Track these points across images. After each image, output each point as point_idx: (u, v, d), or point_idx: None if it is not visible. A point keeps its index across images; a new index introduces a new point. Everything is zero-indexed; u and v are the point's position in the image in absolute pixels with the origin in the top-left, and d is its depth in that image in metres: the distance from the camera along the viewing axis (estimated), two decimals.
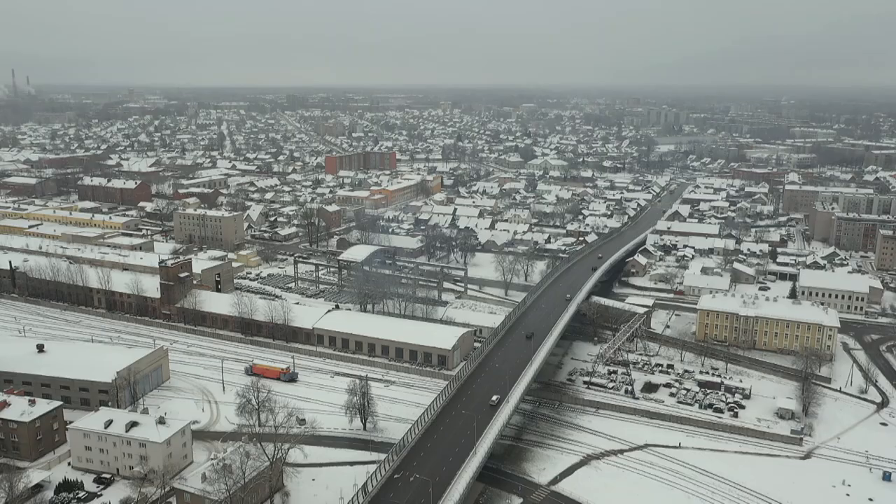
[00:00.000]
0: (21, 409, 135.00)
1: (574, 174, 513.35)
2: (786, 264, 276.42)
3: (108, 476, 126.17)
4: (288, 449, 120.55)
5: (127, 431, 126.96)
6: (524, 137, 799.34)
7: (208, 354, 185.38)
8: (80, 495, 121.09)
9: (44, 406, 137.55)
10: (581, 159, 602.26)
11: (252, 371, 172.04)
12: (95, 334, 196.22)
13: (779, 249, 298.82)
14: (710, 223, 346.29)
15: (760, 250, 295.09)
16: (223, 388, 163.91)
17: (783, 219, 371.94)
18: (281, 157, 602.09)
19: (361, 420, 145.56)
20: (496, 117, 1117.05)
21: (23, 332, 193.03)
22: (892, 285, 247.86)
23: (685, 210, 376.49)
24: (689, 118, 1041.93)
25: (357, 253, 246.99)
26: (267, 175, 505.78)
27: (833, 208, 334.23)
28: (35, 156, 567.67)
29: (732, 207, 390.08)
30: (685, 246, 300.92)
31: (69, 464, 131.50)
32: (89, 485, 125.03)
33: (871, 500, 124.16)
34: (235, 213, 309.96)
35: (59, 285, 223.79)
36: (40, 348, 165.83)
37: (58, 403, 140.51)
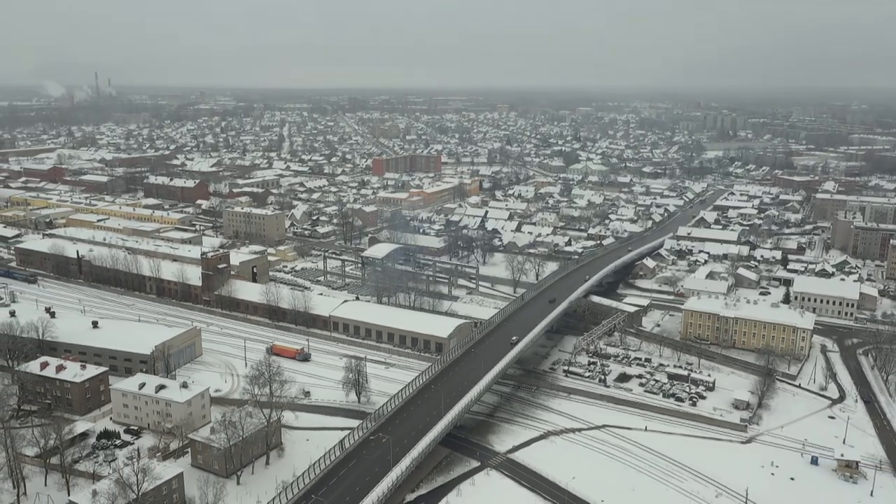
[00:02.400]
0: (74, 372, 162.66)
1: (612, 179, 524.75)
2: (794, 271, 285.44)
3: (135, 428, 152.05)
4: (281, 412, 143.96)
5: (156, 393, 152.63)
6: (573, 142, 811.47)
7: (238, 335, 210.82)
8: (116, 443, 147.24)
9: (93, 370, 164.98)
10: (624, 164, 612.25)
11: (272, 350, 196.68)
12: (144, 315, 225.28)
13: (791, 256, 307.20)
14: (733, 230, 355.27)
15: (773, 257, 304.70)
16: (245, 363, 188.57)
17: (809, 227, 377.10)
18: (334, 159, 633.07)
19: (356, 394, 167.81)
20: (551, 121, 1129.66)
21: (83, 312, 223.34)
22: (891, 293, 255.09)
23: (711, 216, 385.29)
24: (747, 123, 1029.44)
25: (378, 250, 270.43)
26: (317, 176, 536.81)
27: (854, 217, 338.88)
28: (109, 155, 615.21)
29: (760, 215, 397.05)
30: (700, 251, 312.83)
31: (111, 418, 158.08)
32: (124, 436, 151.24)
33: (792, 479, 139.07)
34: (278, 212, 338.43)
35: (118, 273, 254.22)
36: (95, 324, 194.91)
37: (104, 369, 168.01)
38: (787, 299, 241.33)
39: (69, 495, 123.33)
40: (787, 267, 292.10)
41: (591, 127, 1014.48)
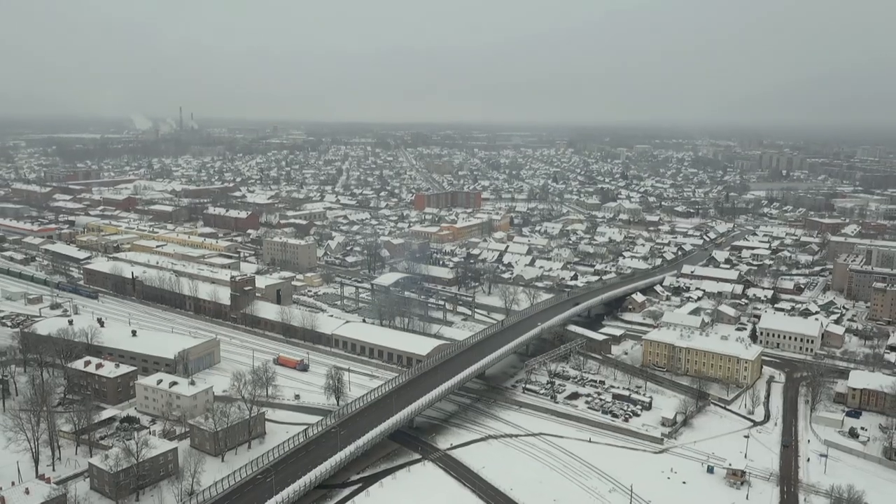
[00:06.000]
0: (110, 370, 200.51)
1: (641, 218, 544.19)
2: (782, 310, 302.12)
3: (134, 416, 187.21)
4: (260, 406, 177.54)
5: (169, 388, 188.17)
6: (620, 179, 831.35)
7: (253, 348, 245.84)
8: (135, 426, 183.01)
9: (124, 369, 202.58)
10: (659, 203, 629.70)
11: (277, 361, 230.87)
12: (179, 328, 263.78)
13: (785, 296, 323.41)
14: (738, 269, 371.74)
15: (765, 296, 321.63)
16: (253, 370, 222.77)
17: (818, 268, 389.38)
18: (382, 193, 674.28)
19: (335, 398, 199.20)
20: (605, 158, 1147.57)
21: (129, 323, 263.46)
22: (860, 332, 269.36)
23: (722, 256, 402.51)
24: (804, 162, 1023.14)
25: (387, 278, 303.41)
26: (363, 209, 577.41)
27: (853, 260, 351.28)
28: (179, 187, 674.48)
29: (772, 255, 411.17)
30: (696, 288, 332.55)
31: (135, 407, 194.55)
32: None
33: (684, 482, 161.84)
34: (310, 243, 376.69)
35: (163, 292, 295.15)
36: (134, 333, 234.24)
37: (133, 368, 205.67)
38: (752, 334, 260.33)
39: (90, 458, 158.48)
40: (776, 306, 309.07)
41: (642, 165, 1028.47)
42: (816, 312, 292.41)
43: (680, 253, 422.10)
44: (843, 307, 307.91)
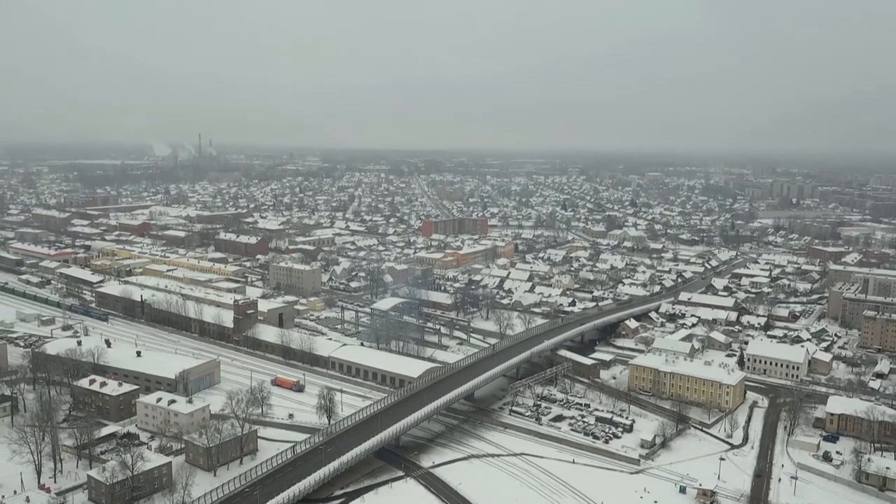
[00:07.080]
0: (113, 388, 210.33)
1: (645, 245, 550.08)
2: (774, 336, 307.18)
3: (134, 433, 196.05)
4: (252, 424, 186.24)
5: (168, 406, 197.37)
6: (629, 207, 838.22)
7: (252, 369, 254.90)
8: (134, 441, 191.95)
9: (127, 388, 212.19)
10: (665, 231, 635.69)
11: (275, 382, 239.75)
12: (183, 350, 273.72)
13: (779, 324, 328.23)
14: (735, 297, 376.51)
15: (759, 323, 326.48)
16: (250, 390, 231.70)
17: (816, 297, 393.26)
18: (392, 220, 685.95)
19: (327, 417, 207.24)
20: (616, 185, 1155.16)
21: (136, 344, 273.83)
22: (848, 359, 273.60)
23: (721, 283, 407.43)
24: (815, 191, 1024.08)
25: (386, 303, 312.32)
26: (372, 235, 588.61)
27: (848, 289, 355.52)
28: (194, 212, 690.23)
29: (771, 283, 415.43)
30: (692, 315, 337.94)
31: (136, 425, 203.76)
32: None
33: (655, 501, 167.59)
34: (314, 268, 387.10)
35: (170, 314, 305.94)
36: (138, 354, 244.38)
37: (135, 387, 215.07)
38: (740, 360, 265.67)
39: (89, 471, 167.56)
40: (769, 333, 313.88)
41: (653, 192, 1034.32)
42: (807, 340, 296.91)
43: (680, 280, 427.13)
44: (836, 335, 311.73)
